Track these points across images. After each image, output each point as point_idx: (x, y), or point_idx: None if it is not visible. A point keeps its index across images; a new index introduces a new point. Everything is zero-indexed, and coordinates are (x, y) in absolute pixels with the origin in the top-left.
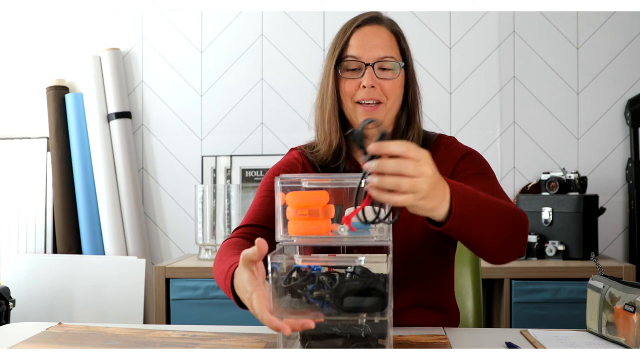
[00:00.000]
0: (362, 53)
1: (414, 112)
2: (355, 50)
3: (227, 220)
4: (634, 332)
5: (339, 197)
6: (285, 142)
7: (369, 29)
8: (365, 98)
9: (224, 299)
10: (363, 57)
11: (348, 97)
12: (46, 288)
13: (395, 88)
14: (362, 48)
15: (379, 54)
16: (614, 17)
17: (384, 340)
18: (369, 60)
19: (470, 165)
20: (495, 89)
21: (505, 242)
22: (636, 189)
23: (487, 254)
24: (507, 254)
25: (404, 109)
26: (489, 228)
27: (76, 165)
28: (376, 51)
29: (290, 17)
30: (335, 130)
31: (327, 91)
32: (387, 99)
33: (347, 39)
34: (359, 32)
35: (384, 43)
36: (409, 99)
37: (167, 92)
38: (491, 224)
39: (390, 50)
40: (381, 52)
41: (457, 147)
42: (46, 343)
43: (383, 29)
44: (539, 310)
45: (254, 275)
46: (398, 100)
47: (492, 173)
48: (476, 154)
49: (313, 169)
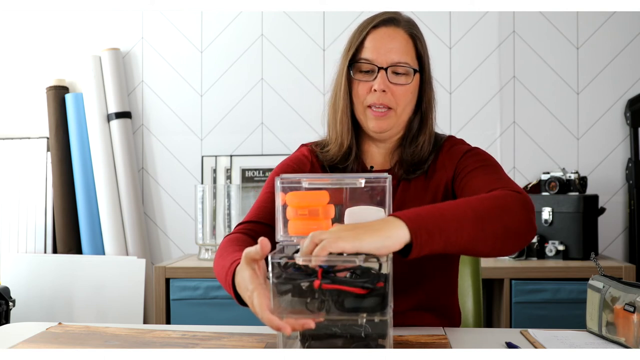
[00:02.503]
0: (376, 56)
1: (427, 116)
2: (370, 52)
3: (227, 220)
4: (634, 332)
5: (339, 197)
6: (285, 142)
7: (385, 30)
8: (375, 103)
9: (223, 299)
10: (377, 61)
11: (359, 99)
12: (46, 288)
13: (407, 94)
14: (377, 51)
15: (393, 59)
16: (614, 17)
17: (384, 340)
18: (382, 64)
19: (470, 162)
20: (495, 89)
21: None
22: (636, 189)
23: (477, 254)
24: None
25: (417, 114)
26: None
27: (76, 165)
28: (390, 55)
29: (290, 17)
30: (347, 132)
31: (340, 91)
32: (397, 104)
33: (362, 39)
34: (375, 33)
35: (400, 47)
36: (423, 104)
37: (167, 92)
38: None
39: (405, 56)
40: (395, 56)
41: (459, 148)
42: (46, 343)
43: (400, 32)
44: (539, 310)
45: (256, 274)
46: (409, 106)
47: (495, 163)
48: (477, 150)
49: (321, 168)
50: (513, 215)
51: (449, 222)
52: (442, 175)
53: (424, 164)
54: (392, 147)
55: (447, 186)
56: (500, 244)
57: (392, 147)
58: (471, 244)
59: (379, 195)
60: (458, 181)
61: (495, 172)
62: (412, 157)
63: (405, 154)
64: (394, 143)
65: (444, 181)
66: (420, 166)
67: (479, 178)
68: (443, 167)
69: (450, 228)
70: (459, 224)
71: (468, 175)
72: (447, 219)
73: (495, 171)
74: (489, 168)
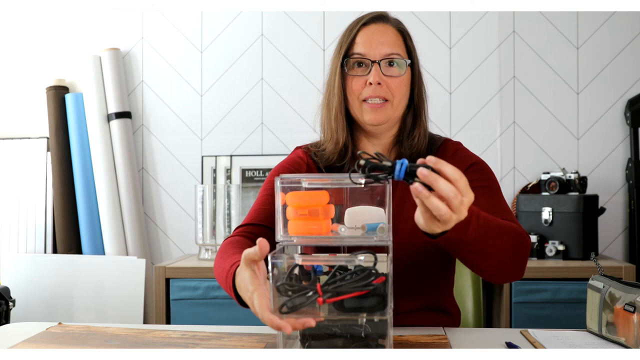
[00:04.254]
0: (368, 50)
1: (420, 111)
2: (362, 47)
3: (227, 220)
4: (634, 332)
5: (339, 197)
6: (285, 142)
7: (375, 27)
8: (371, 95)
9: (224, 299)
10: (369, 54)
11: (354, 95)
12: (46, 288)
13: (401, 86)
14: (369, 45)
15: (385, 51)
16: (614, 17)
17: (384, 340)
18: (375, 57)
19: (477, 177)
20: (495, 89)
21: (506, 265)
22: (636, 189)
23: (485, 274)
24: (507, 275)
25: (410, 108)
26: (489, 250)
27: (76, 165)
28: (382, 48)
29: (290, 17)
30: (342, 128)
31: (334, 89)
32: (393, 96)
33: (353, 36)
34: (365, 30)
35: (391, 40)
36: (415, 98)
37: (167, 92)
38: (491, 246)
39: (397, 48)
40: (387, 49)
41: (465, 155)
42: (46, 343)
43: (389, 27)
44: (539, 310)
45: (255, 275)
46: (404, 98)
47: (498, 186)
48: (483, 165)
49: (317, 169)
50: (523, 259)
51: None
52: None
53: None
54: (388, 144)
55: None
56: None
57: (388, 144)
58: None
59: (379, 195)
60: None
61: (498, 197)
62: (410, 152)
63: (404, 149)
64: (389, 139)
65: None
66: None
67: (483, 199)
68: None
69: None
70: (494, 242)
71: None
72: (490, 234)
73: (498, 196)
74: (491, 190)
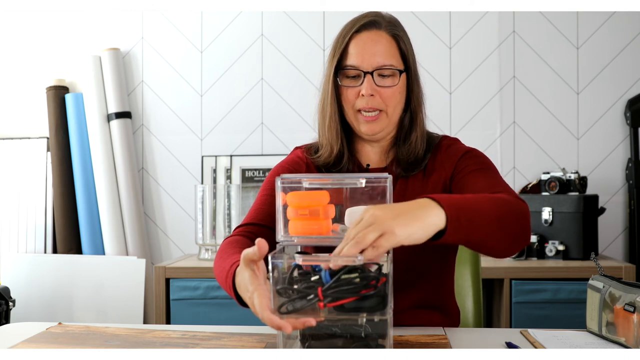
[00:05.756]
0: (360, 61)
1: (416, 114)
2: (354, 59)
3: (227, 220)
4: (634, 332)
5: (340, 197)
6: (285, 142)
7: (367, 35)
8: (365, 107)
9: (224, 299)
10: (362, 66)
11: (349, 104)
12: (46, 288)
13: (395, 94)
14: (361, 56)
15: (377, 62)
16: (614, 17)
17: (384, 340)
18: (367, 69)
19: (470, 163)
20: (495, 89)
21: (505, 235)
22: (636, 189)
23: (489, 252)
24: (509, 246)
25: (407, 111)
26: (486, 226)
27: (76, 165)
28: (375, 59)
29: (290, 17)
30: (336, 138)
31: (328, 97)
32: (387, 106)
33: (345, 45)
34: (357, 38)
35: (384, 50)
36: (412, 102)
37: (167, 92)
38: (485, 220)
39: (390, 58)
40: (380, 59)
41: (457, 148)
42: (46, 343)
43: (382, 34)
44: (539, 310)
45: (255, 275)
46: (399, 106)
47: (493, 167)
48: (476, 152)
49: (317, 169)
50: (522, 221)
51: (478, 216)
52: (441, 174)
53: (421, 163)
54: (387, 146)
55: (446, 185)
56: (511, 245)
57: (386, 146)
58: (488, 241)
59: (379, 195)
60: (457, 180)
61: (494, 176)
62: (407, 155)
63: (401, 153)
64: (388, 142)
65: (442, 180)
66: (417, 165)
67: (479, 180)
68: (441, 166)
69: (477, 222)
70: (484, 219)
71: (468, 176)
72: (476, 213)
73: (494, 175)
74: (489, 172)
